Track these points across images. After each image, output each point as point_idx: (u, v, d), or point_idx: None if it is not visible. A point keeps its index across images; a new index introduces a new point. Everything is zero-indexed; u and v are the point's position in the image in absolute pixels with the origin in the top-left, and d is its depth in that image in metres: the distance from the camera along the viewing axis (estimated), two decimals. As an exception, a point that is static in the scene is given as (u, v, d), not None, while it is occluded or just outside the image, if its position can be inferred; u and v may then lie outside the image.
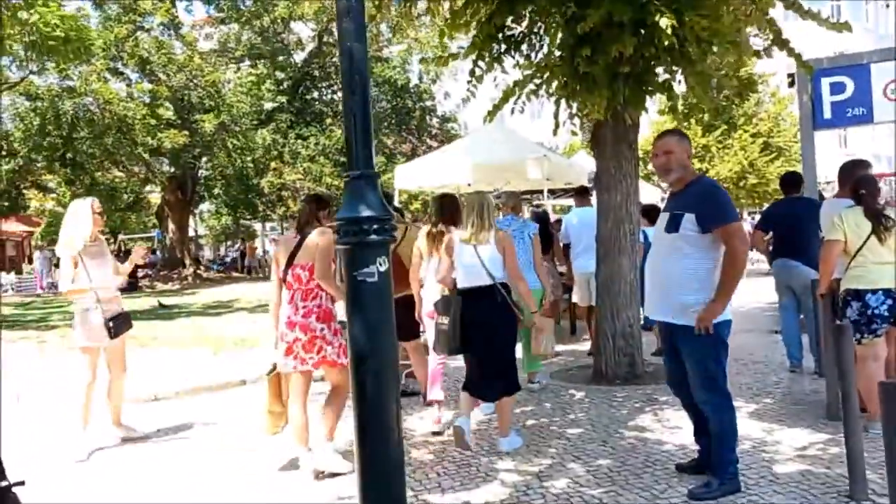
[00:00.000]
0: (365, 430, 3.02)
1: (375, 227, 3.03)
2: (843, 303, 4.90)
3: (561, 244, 8.32)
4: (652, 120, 20.75)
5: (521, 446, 4.85)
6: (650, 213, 7.85)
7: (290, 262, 4.44)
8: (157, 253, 24.20)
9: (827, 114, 9.47)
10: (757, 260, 21.53)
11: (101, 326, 5.18)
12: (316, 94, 23.06)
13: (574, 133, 7.25)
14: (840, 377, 3.93)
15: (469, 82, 6.31)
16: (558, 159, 10.32)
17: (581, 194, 8.65)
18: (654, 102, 9.73)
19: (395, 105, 22.92)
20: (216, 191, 23.60)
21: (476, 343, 4.72)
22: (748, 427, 5.05)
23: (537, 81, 6.62)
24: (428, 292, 5.43)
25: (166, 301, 14.52)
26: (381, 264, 3.04)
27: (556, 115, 6.79)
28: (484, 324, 4.67)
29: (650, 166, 8.25)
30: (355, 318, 3.04)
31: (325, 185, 21.95)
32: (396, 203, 11.17)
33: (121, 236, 29.58)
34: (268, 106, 22.83)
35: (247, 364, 8.27)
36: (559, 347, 8.43)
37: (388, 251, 3.12)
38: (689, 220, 3.73)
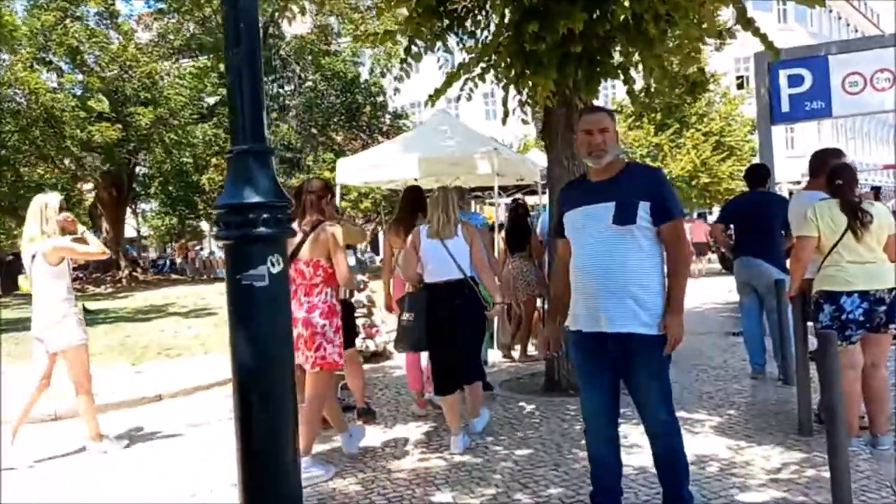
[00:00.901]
0: (251, 469, 2.39)
1: (266, 216, 2.39)
2: (814, 305, 4.43)
3: (541, 239, 7.76)
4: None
5: (489, 418, 5.21)
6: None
7: (293, 255, 4.21)
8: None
9: (785, 107, 9.13)
10: (708, 260, 21.44)
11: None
12: (261, 88, 22.14)
13: (525, 122, 6.68)
14: (825, 389, 3.43)
15: (403, 61, 5.68)
16: (509, 154, 9.77)
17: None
18: (607, 89, 9.18)
19: (345, 100, 22.16)
20: (153, 189, 22.37)
21: (446, 337, 4.71)
22: (713, 444, 4.55)
23: (483, 65, 6.05)
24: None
25: (92, 306, 13.57)
26: (273, 264, 2.40)
27: (504, 102, 6.23)
28: (455, 317, 4.68)
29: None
30: (238, 332, 2.40)
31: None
32: (338, 200, 10.50)
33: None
34: (210, 100, 21.83)
35: (167, 377, 7.51)
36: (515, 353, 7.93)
37: (284, 248, 2.48)
38: (644, 209, 3.12)
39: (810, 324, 4.60)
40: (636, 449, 4.45)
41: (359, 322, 8.43)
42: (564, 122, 6.12)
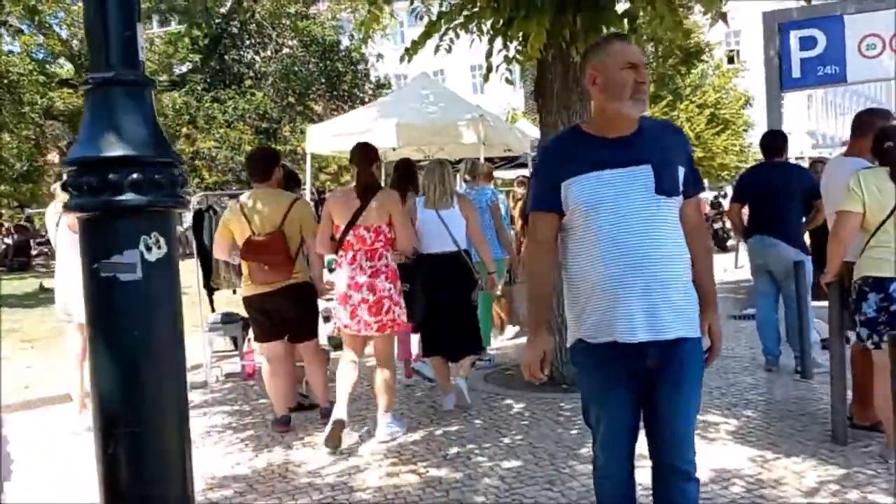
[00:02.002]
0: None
1: (137, 177, 1.62)
2: (857, 293, 3.73)
3: None
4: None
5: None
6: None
7: (352, 221, 4.25)
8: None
9: (796, 72, 8.39)
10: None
11: None
12: (235, 54, 21.05)
13: (509, 81, 5.89)
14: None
15: (372, 3, 4.87)
16: (497, 121, 8.98)
17: None
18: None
19: (324, 68, 21.16)
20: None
21: (440, 308, 4.75)
22: (734, 456, 3.86)
23: (467, 12, 5.26)
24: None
25: (50, 283, 12.70)
26: (150, 248, 1.65)
27: (488, 56, 5.44)
28: (448, 289, 4.76)
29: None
30: (98, 346, 1.65)
31: (244, 154, 20.09)
32: (309, 172, 9.69)
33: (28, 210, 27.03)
34: (182, 68, 20.77)
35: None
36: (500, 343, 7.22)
37: (169, 225, 1.72)
38: (681, 175, 2.35)
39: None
40: (641, 463, 3.75)
41: (331, 305, 7.68)
42: (561, 79, 5.35)
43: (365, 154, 4.42)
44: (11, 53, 17.11)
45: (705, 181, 26.20)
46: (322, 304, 7.61)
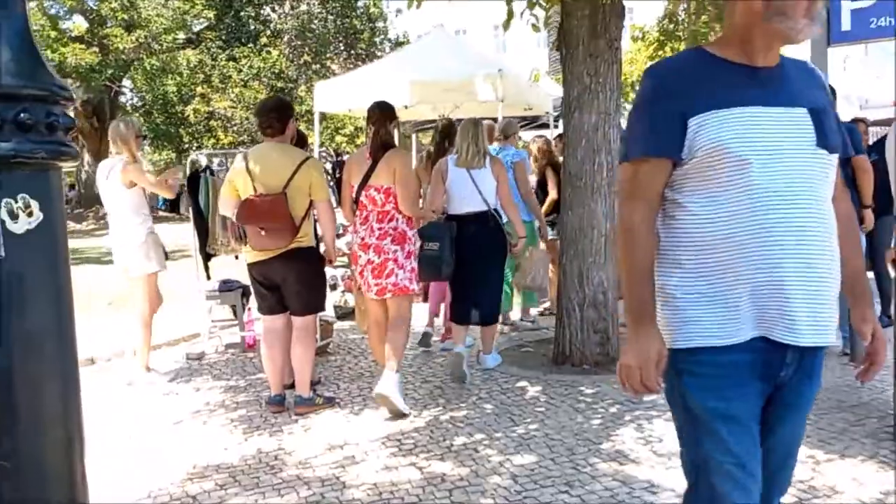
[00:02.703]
0: None
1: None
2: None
3: None
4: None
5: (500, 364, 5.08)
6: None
7: (364, 182, 4.20)
8: (76, 188, 21.63)
9: (846, 25, 7.68)
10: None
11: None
12: (251, 11, 20.44)
13: (535, 28, 5.33)
14: None
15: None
16: (516, 77, 8.39)
17: None
18: (631, 12, 7.70)
19: (341, 25, 20.47)
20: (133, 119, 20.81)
21: (466, 268, 4.67)
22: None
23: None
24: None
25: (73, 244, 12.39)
26: (15, 215, 1.19)
27: (508, 1, 4.88)
28: (477, 249, 4.69)
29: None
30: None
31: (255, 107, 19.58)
32: (318, 132, 9.21)
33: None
34: (197, 26, 20.21)
35: (108, 335, 6.37)
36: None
37: (49, 184, 1.26)
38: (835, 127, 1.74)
39: None
40: (673, 462, 3.29)
41: (338, 272, 7.29)
42: (588, 26, 4.78)
43: (382, 113, 4.29)
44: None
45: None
46: (329, 272, 7.23)
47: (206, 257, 5.78)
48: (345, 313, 7.18)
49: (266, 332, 4.32)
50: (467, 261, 4.66)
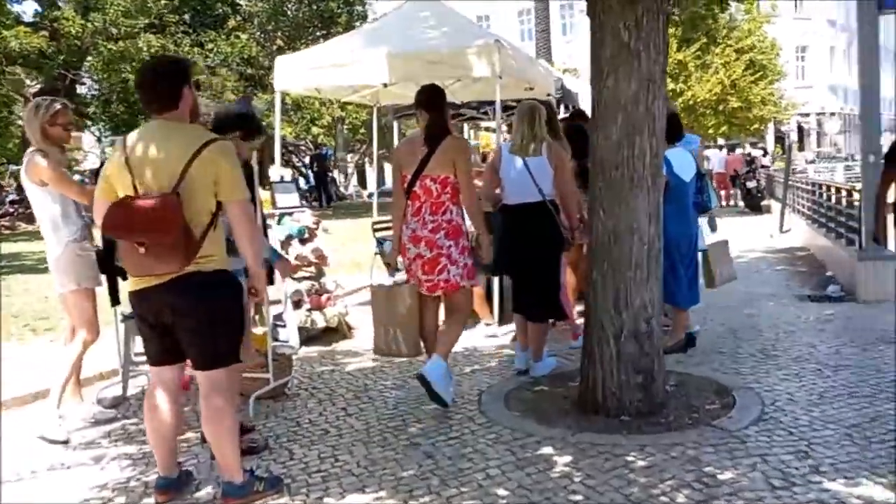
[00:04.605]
0: None
1: None
2: None
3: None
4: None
5: (556, 367, 4.64)
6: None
7: (419, 171, 3.97)
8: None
9: (904, -14, 6.52)
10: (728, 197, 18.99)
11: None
12: (218, -7, 19.05)
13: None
14: None
15: None
16: (516, 51, 7.13)
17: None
18: None
19: (316, 9, 19.09)
20: (91, 109, 19.20)
21: (522, 263, 4.46)
22: None
23: None
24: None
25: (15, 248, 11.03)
26: None
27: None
28: (530, 242, 4.42)
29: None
30: None
31: (227, 102, 18.16)
32: (279, 117, 7.86)
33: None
34: (158, 8, 18.67)
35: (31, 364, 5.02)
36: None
37: None
38: None
39: None
40: None
41: (302, 286, 5.98)
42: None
43: (435, 97, 4.09)
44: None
45: (741, 135, 24.10)
46: (293, 286, 5.94)
47: (113, 274, 4.39)
48: (311, 336, 5.92)
49: (150, 389, 3.03)
50: (520, 255, 4.43)
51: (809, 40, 45.14)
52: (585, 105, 7.07)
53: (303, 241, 6.02)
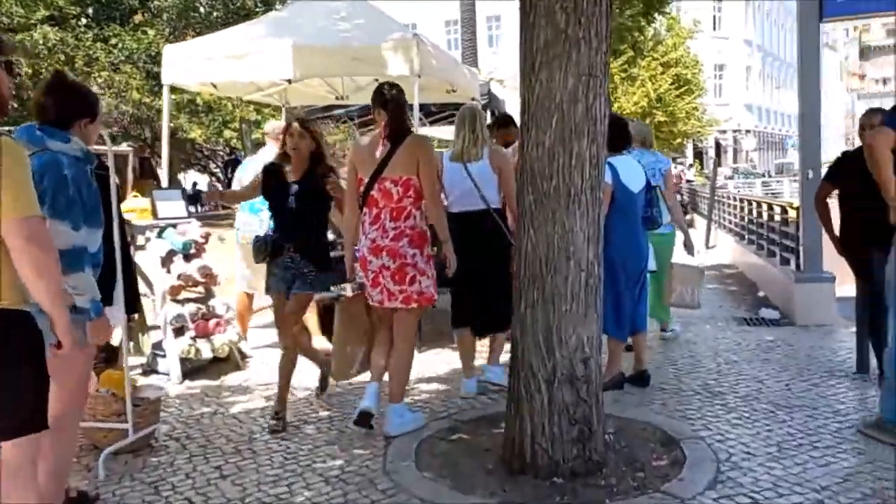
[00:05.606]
0: None
1: None
2: None
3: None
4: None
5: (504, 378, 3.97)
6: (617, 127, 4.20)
7: (377, 172, 3.66)
8: None
9: (843, -6, 6.22)
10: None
11: None
12: (124, -15, 17.73)
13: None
14: None
15: None
16: (438, 49, 6.47)
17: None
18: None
19: (232, 6, 18.02)
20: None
21: (467, 274, 4.05)
22: None
23: None
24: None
25: None
26: None
27: None
28: (477, 252, 4.14)
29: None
30: None
31: (131, 102, 16.85)
32: (167, 113, 7.01)
33: None
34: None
35: None
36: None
37: None
38: None
39: None
40: None
41: (185, 310, 5.13)
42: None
43: (397, 94, 3.78)
44: None
45: (665, 150, 24.23)
46: (173, 311, 5.10)
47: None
48: (197, 368, 5.09)
49: None
50: (467, 266, 4.03)
51: (727, 59, 46.66)
52: (514, 114, 6.52)
53: (188, 258, 5.17)
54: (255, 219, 5.32)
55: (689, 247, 5.46)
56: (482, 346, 4.76)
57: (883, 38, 71.82)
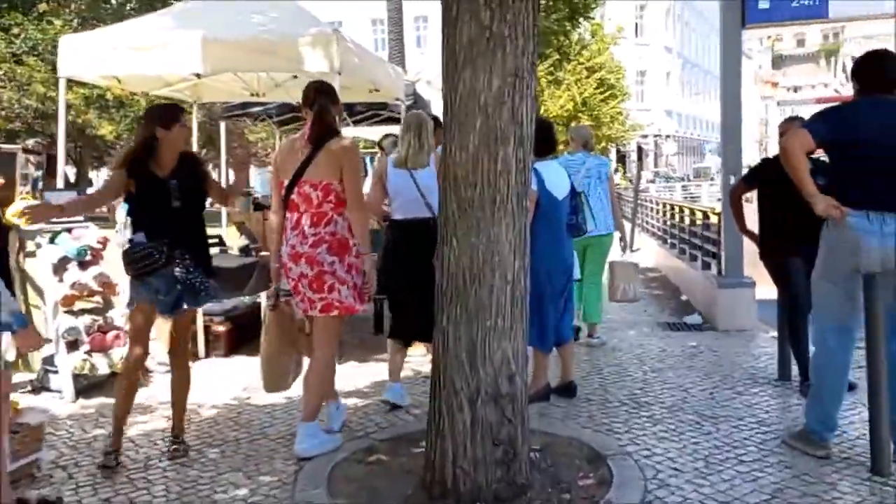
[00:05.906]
0: None
1: None
2: None
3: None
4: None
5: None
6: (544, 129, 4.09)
7: (297, 175, 3.49)
8: None
9: (763, 2, 6.30)
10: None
11: None
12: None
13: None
14: None
15: None
16: (360, 47, 6.21)
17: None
18: None
19: (147, -2, 17.22)
20: None
21: (410, 282, 4.07)
22: None
23: None
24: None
25: None
26: None
27: None
28: (421, 260, 3.90)
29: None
30: None
31: (35, 96, 15.85)
32: (63, 114, 6.49)
33: None
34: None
35: None
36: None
37: None
38: None
39: None
40: None
41: (79, 321, 4.72)
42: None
43: (324, 92, 3.61)
44: None
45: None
46: (66, 323, 4.69)
47: None
48: (93, 384, 4.69)
49: None
50: (410, 274, 4.06)
51: (648, 65, 47.97)
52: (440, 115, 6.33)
53: (83, 265, 4.75)
54: None
55: (625, 243, 5.71)
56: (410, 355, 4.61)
57: (794, 48, 75.56)
